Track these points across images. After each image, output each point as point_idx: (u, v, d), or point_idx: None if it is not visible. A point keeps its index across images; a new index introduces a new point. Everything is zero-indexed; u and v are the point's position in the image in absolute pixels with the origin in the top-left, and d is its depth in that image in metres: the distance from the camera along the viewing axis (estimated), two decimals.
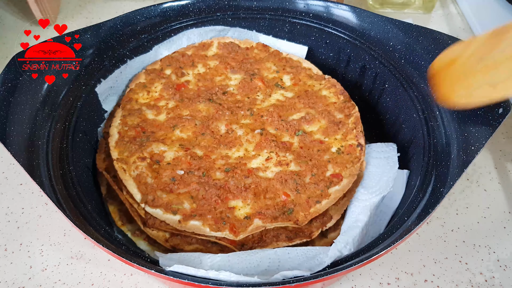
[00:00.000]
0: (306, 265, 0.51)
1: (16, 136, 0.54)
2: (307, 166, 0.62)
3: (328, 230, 0.62)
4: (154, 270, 0.45)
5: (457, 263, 0.67)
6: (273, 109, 0.71)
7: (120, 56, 0.74)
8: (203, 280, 0.45)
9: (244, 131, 0.68)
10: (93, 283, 0.64)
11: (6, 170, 0.80)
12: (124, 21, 0.75)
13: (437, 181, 0.55)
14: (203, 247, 0.58)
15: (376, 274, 0.66)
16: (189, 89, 0.75)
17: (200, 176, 0.61)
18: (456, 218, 0.73)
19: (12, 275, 0.65)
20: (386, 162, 0.65)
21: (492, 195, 0.77)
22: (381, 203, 0.61)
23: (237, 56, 0.81)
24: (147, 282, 0.64)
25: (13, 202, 0.74)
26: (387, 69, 0.72)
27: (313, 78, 0.77)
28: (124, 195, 0.61)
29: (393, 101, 0.73)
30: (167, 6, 0.79)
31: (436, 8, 1.22)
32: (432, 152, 0.60)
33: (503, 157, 0.83)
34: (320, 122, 0.69)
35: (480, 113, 0.56)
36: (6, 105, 0.55)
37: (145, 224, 0.59)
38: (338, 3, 0.78)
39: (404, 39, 0.71)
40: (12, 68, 0.59)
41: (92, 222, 0.53)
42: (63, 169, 0.57)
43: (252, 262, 0.52)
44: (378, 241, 0.51)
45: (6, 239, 0.69)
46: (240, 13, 0.82)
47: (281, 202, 0.59)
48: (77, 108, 0.65)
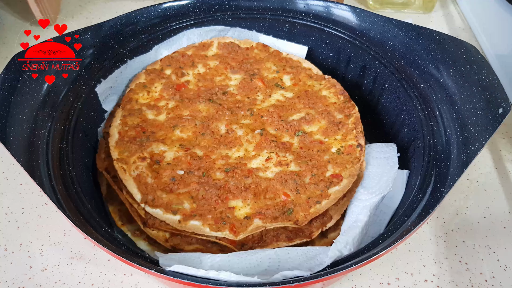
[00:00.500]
0: (306, 265, 0.51)
1: (16, 136, 0.54)
2: (307, 167, 0.62)
3: (328, 230, 0.62)
4: (154, 270, 0.45)
5: (457, 263, 0.67)
6: (273, 109, 0.71)
7: (120, 56, 0.74)
8: (203, 280, 0.45)
9: (244, 131, 0.68)
10: (93, 283, 0.64)
11: (6, 170, 0.80)
12: (124, 21, 0.75)
13: (437, 181, 0.55)
14: (203, 247, 0.58)
15: (376, 274, 0.66)
16: (189, 89, 0.75)
17: (200, 176, 0.61)
18: (456, 218, 0.73)
19: (12, 275, 0.65)
20: (386, 162, 0.65)
21: (492, 195, 0.77)
22: (381, 203, 0.61)
23: (237, 56, 0.81)
24: (147, 282, 0.64)
25: (13, 202, 0.74)
26: (387, 69, 0.72)
27: (313, 78, 0.77)
28: (124, 195, 0.61)
29: (393, 101, 0.73)
30: (167, 6, 0.79)
31: (436, 8, 1.22)
32: (432, 152, 0.60)
33: (503, 157, 0.83)
34: (320, 122, 0.69)
35: (480, 113, 0.56)
36: (6, 105, 0.55)
37: (145, 224, 0.59)
38: (338, 3, 0.78)
39: (404, 39, 0.71)
40: (12, 68, 0.59)
41: (92, 222, 0.53)
42: (63, 169, 0.57)
43: (252, 262, 0.52)
44: (378, 241, 0.51)
45: (6, 239, 0.69)
46: (240, 13, 0.82)
47: (281, 202, 0.59)
48: (77, 108, 0.65)
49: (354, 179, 0.62)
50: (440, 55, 0.66)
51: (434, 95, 0.65)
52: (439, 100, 0.64)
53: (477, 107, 0.56)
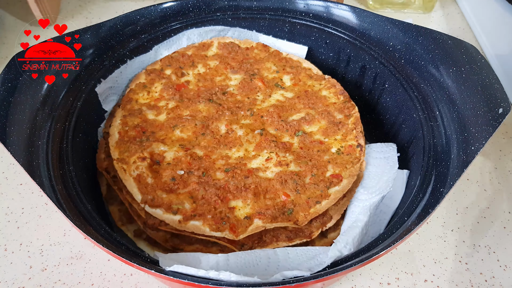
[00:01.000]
0: (306, 265, 0.51)
1: (16, 136, 0.54)
2: (307, 167, 0.62)
3: (328, 230, 0.62)
4: (154, 270, 0.45)
5: (457, 263, 0.67)
6: (273, 110, 0.71)
7: (120, 56, 0.74)
8: (203, 280, 0.45)
9: (244, 131, 0.68)
10: (93, 283, 0.64)
11: (6, 170, 0.80)
12: (124, 21, 0.75)
13: (437, 181, 0.55)
14: (203, 247, 0.58)
15: (376, 274, 0.66)
16: (189, 89, 0.75)
17: (200, 176, 0.61)
18: (456, 218, 0.73)
19: (12, 275, 0.65)
20: (386, 162, 0.65)
21: (492, 195, 0.77)
22: (381, 203, 0.61)
23: (237, 56, 0.81)
24: (147, 282, 0.64)
25: (13, 202, 0.74)
26: (387, 69, 0.72)
27: (313, 78, 0.77)
28: (124, 195, 0.61)
29: (393, 101, 0.73)
30: (167, 6, 0.79)
31: (436, 8, 1.22)
32: (432, 152, 0.60)
33: (503, 157, 0.83)
34: (320, 122, 0.69)
35: (480, 113, 0.56)
36: (6, 105, 0.55)
37: (145, 224, 0.59)
38: (338, 3, 0.78)
39: (404, 39, 0.71)
40: (12, 68, 0.59)
41: (92, 222, 0.53)
42: (63, 169, 0.57)
43: (252, 262, 0.52)
44: (378, 241, 0.51)
45: (6, 239, 0.69)
46: (240, 13, 0.82)
47: (281, 202, 0.59)
48: (77, 108, 0.65)
49: (354, 179, 0.62)
50: (440, 55, 0.66)
51: (434, 95, 0.65)
52: (439, 100, 0.64)
53: (477, 107, 0.56)
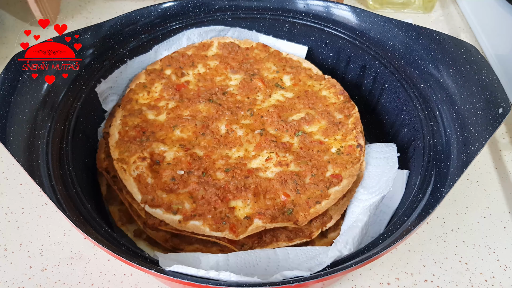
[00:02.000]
0: (306, 265, 0.51)
1: (16, 136, 0.54)
2: (307, 167, 0.62)
3: (328, 230, 0.62)
4: (154, 270, 0.45)
5: (457, 263, 0.67)
6: (273, 110, 0.71)
7: (120, 56, 0.74)
8: (203, 280, 0.45)
9: (244, 131, 0.68)
10: (93, 283, 0.64)
11: (6, 170, 0.80)
12: (124, 21, 0.75)
13: (437, 181, 0.55)
14: (203, 247, 0.58)
15: (376, 274, 0.66)
16: (189, 89, 0.75)
17: (200, 176, 0.61)
18: (456, 218, 0.73)
19: (12, 275, 0.65)
20: (386, 162, 0.65)
21: (492, 195, 0.77)
22: (381, 203, 0.61)
23: (237, 56, 0.81)
24: (147, 282, 0.64)
25: (13, 202, 0.74)
26: (387, 69, 0.72)
27: (313, 78, 0.77)
28: (124, 195, 0.61)
29: (393, 101, 0.73)
30: (167, 6, 0.79)
31: (436, 8, 1.22)
32: (432, 152, 0.60)
33: (503, 157, 0.83)
34: (320, 122, 0.69)
35: (480, 113, 0.56)
36: (6, 105, 0.55)
37: (145, 224, 0.59)
38: (338, 3, 0.78)
39: (404, 39, 0.71)
40: (12, 68, 0.59)
41: (92, 222, 0.53)
42: (63, 169, 0.57)
43: (252, 262, 0.52)
44: (378, 241, 0.51)
45: (6, 239, 0.69)
46: (240, 13, 0.82)
47: (281, 202, 0.59)
48: (77, 108, 0.65)
49: (354, 179, 0.62)
50: (440, 55, 0.66)
51: (434, 95, 0.64)
52: (439, 100, 0.64)
53: (477, 107, 0.56)
